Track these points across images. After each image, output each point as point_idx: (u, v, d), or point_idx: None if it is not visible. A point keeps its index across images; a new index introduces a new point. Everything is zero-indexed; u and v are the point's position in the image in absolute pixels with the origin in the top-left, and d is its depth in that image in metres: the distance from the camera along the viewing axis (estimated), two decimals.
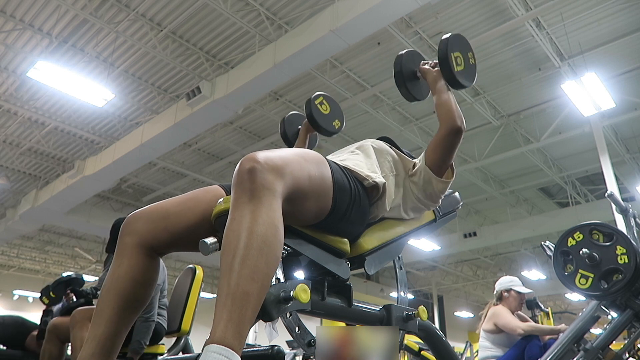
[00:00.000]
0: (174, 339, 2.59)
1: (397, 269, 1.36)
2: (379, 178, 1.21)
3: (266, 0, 5.52)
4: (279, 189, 0.89)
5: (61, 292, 2.76)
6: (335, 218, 1.09)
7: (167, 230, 1.09)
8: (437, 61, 1.37)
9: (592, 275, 2.06)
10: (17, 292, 14.04)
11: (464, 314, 18.52)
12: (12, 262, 14.01)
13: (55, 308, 3.76)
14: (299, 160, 1.00)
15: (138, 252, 1.08)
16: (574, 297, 14.97)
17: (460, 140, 1.28)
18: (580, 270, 2.10)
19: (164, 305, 2.46)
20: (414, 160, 1.38)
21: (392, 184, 1.30)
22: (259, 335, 8.97)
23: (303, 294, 0.92)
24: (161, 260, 2.45)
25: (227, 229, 0.85)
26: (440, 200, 1.36)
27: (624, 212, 2.47)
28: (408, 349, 2.65)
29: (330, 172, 1.08)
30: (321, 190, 1.04)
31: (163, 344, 2.44)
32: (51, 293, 3.13)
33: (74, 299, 2.72)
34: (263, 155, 0.91)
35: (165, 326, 2.44)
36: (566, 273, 2.15)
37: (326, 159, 1.13)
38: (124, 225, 1.11)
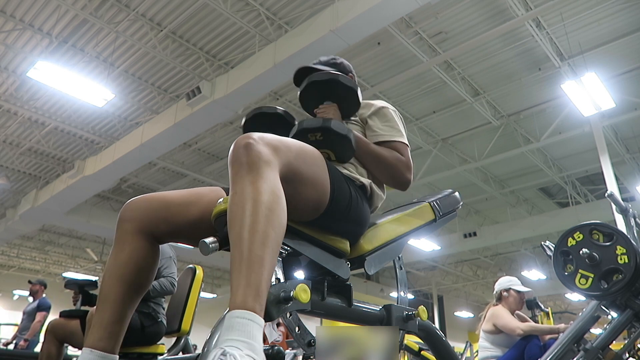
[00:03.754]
0: (174, 339, 2.59)
1: (397, 269, 1.36)
2: (364, 179, 1.26)
3: (266, 0, 5.52)
4: (275, 161, 0.90)
5: (73, 289, 2.70)
6: (335, 214, 1.09)
7: (167, 220, 1.10)
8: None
9: (592, 275, 2.06)
10: (17, 292, 14.02)
11: (464, 314, 18.51)
12: (12, 262, 14.01)
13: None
14: (294, 142, 1.02)
15: (139, 237, 1.09)
16: (574, 297, 14.97)
17: None
18: (580, 270, 2.10)
19: (163, 305, 2.45)
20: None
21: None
22: None
23: (303, 294, 0.91)
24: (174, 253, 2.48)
25: (230, 203, 0.86)
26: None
27: (624, 212, 2.46)
28: (408, 349, 2.65)
29: (325, 163, 1.10)
30: (318, 177, 1.04)
31: (163, 344, 2.44)
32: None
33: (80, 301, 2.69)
34: (257, 134, 0.92)
35: (166, 326, 2.44)
36: (566, 273, 2.15)
37: None
38: (123, 211, 1.12)
